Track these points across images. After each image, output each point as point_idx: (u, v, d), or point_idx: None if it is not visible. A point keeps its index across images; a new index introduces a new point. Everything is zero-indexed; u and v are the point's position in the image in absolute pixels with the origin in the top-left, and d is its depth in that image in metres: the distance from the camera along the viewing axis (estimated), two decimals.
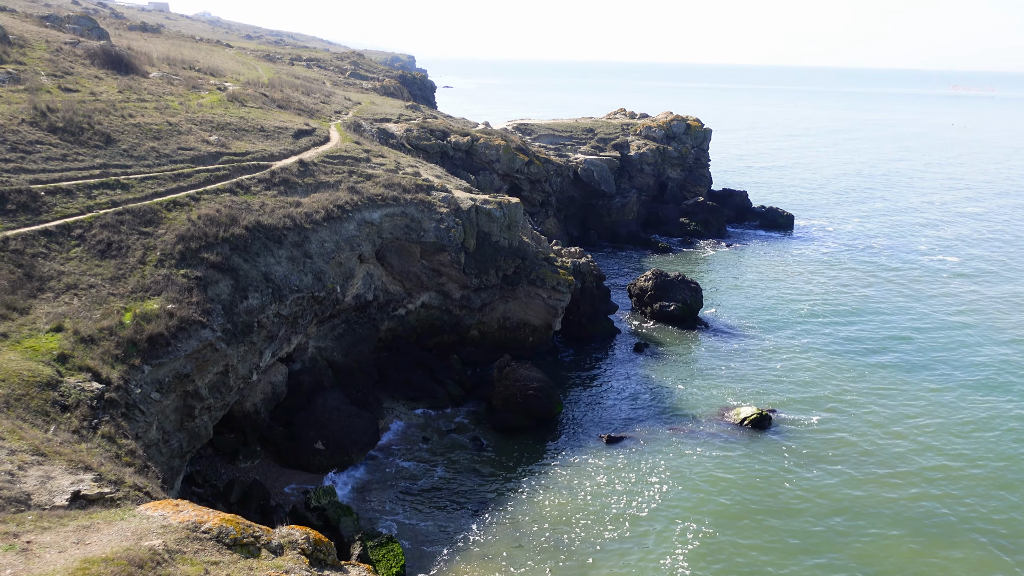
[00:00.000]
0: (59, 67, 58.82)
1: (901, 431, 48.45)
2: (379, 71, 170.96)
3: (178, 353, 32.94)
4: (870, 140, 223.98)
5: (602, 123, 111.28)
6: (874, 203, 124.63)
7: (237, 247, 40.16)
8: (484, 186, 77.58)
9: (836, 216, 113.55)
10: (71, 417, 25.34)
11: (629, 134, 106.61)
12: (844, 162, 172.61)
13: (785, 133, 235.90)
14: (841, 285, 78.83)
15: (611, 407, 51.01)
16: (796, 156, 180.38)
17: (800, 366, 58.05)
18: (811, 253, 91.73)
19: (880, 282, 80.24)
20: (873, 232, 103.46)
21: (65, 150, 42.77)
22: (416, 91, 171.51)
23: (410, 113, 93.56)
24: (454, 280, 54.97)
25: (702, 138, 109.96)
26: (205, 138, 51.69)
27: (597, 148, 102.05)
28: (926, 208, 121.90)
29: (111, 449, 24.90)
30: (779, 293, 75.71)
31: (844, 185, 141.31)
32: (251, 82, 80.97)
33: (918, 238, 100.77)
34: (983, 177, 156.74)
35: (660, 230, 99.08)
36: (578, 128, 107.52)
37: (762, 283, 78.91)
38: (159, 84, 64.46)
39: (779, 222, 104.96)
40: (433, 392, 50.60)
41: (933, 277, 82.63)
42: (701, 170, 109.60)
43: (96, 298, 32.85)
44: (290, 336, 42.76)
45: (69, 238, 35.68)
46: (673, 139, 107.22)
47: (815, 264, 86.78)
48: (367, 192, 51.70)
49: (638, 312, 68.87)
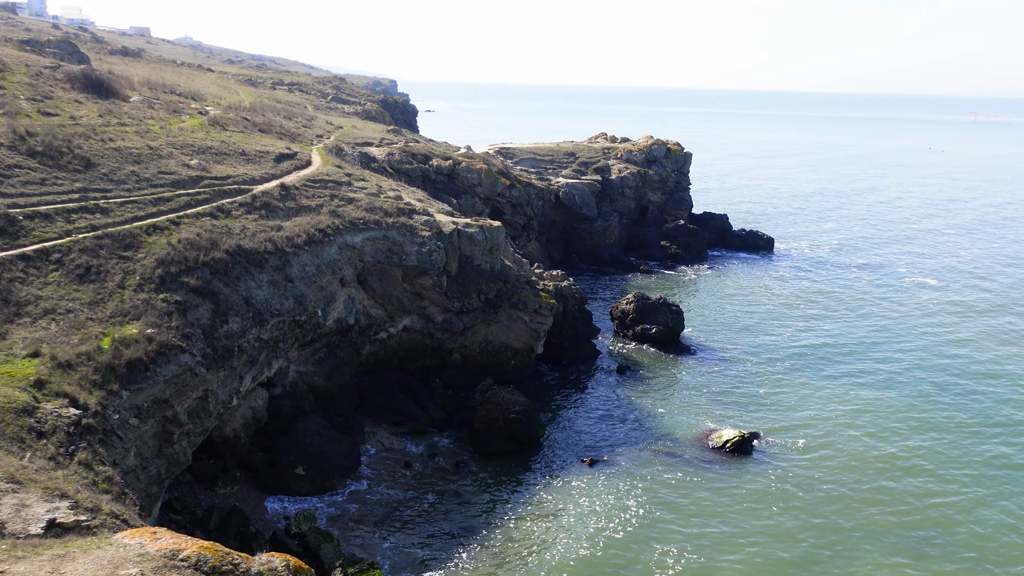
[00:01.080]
0: (39, 91, 58.59)
1: (885, 452, 48.63)
2: (361, 95, 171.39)
3: (157, 378, 32.63)
4: (848, 162, 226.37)
5: (583, 147, 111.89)
6: (853, 226, 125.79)
7: (217, 271, 39.94)
8: (466, 210, 77.69)
9: (816, 239, 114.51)
10: (47, 444, 25.01)
11: (610, 158, 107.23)
12: (824, 185, 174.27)
13: (769, 157, 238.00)
14: (822, 307, 79.33)
15: (593, 430, 50.92)
16: (778, 180, 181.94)
17: (782, 389, 58.24)
18: (791, 275, 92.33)
19: (861, 304, 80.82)
20: (853, 254, 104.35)
21: (44, 174, 42.52)
22: (398, 115, 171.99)
23: (392, 137, 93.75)
24: (436, 304, 54.89)
25: (682, 162, 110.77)
26: (186, 162, 51.55)
27: (578, 172, 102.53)
28: (905, 230, 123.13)
29: (88, 476, 24.58)
30: (760, 316, 76.07)
31: (824, 208, 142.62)
32: (232, 106, 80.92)
33: (898, 260, 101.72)
34: (961, 199, 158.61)
35: (641, 253, 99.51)
36: (559, 152, 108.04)
37: (743, 306, 79.27)
38: (140, 108, 64.30)
39: (759, 245, 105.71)
40: (415, 416, 50.34)
41: (913, 299, 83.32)
42: (682, 193, 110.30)
43: (74, 323, 32.55)
44: (271, 360, 42.48)
45: (47, 262, 35.38)
46: (654, 163, 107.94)
47: (796, 287, 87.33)
48: (349, 216, 51.65)
49: (620, 335, 68.96)
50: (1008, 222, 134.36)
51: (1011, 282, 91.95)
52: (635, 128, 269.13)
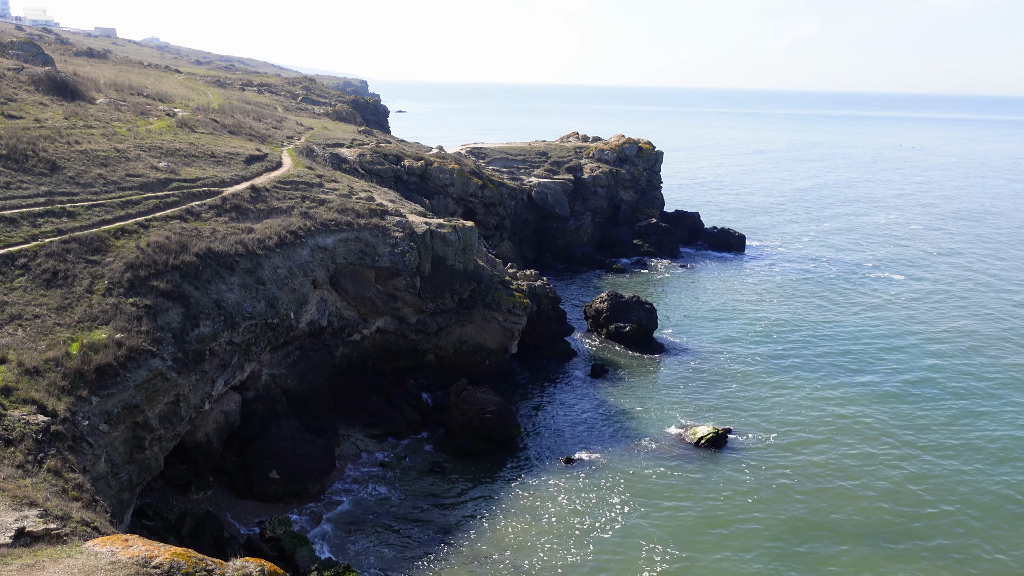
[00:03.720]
0: (2, 94, 57.66)
1: (857, 446, 49.10)
2: (331, 96, 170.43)
3: (127, 383, 32.20)
4: (817, 160, 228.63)
5: (555, 146, 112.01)
6: (823, 223, 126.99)
7: (188, 274, 39.51)
8: (439, 210, 77.49)
9: (787, 236, 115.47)
10: (15, 452, 24.58)
11: (582, 157, 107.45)
12: (795, 183, 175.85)
13: (742, 154, 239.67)
14: (793, 304, 79.98)
15: (569, 429, 50.96)
16: (749, 177, 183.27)
17: (755, 385, 58.62)
18: (763, 273, 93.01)
19: (831, 301, 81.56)
20: (823, 251, 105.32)
21: (8, 178, 41.84)
22: (369, 116, 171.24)
23: (363, 138, 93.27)
24: (409, 305, 54.67)
25: (654, 160, 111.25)
26: (154, 164, 50.96)
27: (551, 171, 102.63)
28: (874, 227, 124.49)
29: (57, 484, 24.19)
30: (733, 313, 76.54)
31: (795, 205, 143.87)
32: (201, 108, 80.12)
33: (866, 256, 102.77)
34: (931, 196, 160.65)
35: (614, 252, 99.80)
36: (531, 152, 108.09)
37: (716, 303, 79.73)
38: (106, 110, 63.48)
39: (731, 243, 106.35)
40: (390, 418, 50.09)
41: (884, 294, 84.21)
42: (653, 192, 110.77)
43: (41, 328, 32.04)
44: (243, 364, 42.08)
45: (13, 267, 34.80)
46: (625, 162, 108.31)
47: (767, 284, 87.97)
48: (320, 217, 51.32)
49: (594, 333, 69.10)
50: (980, 216, 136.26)
51: (984, 279, 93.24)
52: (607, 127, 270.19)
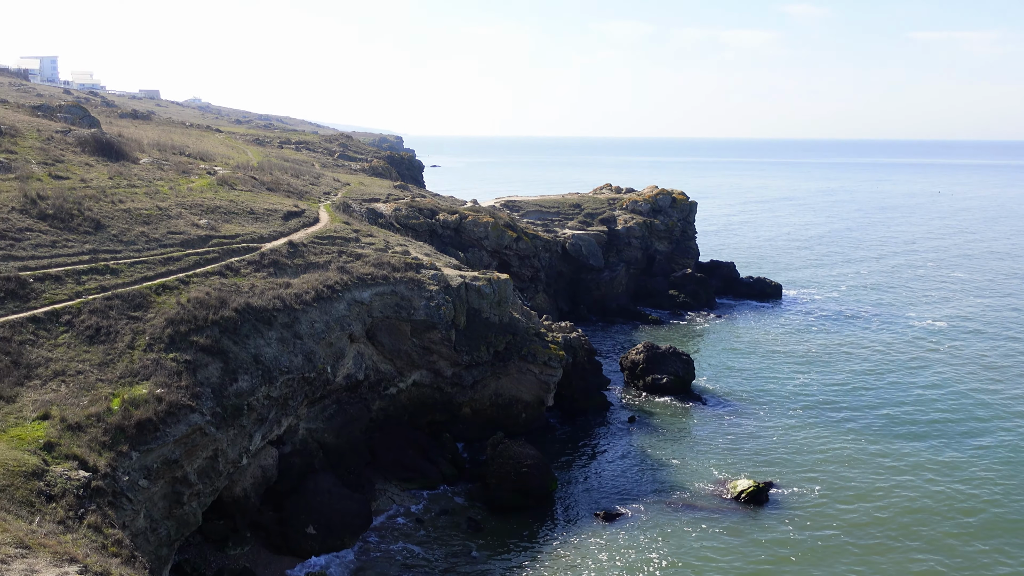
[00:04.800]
0: (50, 155, 59.36)
1: (902, 501, 47.88)
2: (367, 152, 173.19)
3: (167, 439, 32.46)
4: (853, 207, 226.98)
5: (589, 198, 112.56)
6: (860, 270, 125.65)
7: (227, 329, 39.97)
8: (473, 263, 77.92)
9: (824, 284, 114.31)
10: (56, 507, 24.79)
11: (616, 208, 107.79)
12: (831, 231, 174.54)
13: (772, 204, 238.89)
14: (833, 354, 78.83)
15: (607, 483, 50.34)
16: (784, 226, 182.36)
17: (796, 437, 57.61)
18: (801, 322, 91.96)
19: (872, 350, 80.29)
20: (862, 299, 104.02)
21: (55, 236, 42.86)
22: (404, 171, 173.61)
23: (398, 192, 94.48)
24: (445, 358, 54.73)
25: (688, 211, 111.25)
26: (195, 222, 51.95)
27: (584, 223, 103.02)
28: (913, 274, 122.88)
29: (97, 539, 24.31)
30: (771, 364, 75.61)
31: (831, 253, 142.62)
32: (241, 166, 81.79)
33: (906, 304, 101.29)
34: (970, 243, 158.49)
35: (649, 303, 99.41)
36: (565, 204, 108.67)
37: (753, 354, 78.86)
38: (149, 169, 65.03)
39: (767, 292, 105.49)
40: (426, 472, 49.87)
41: (925, 344, 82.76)
42: (688, 242, 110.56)
43: (84, 384, 32.50)
44: (280, 418, 42.26)
45: (57, 324, 35.47)
46: (659, 212, 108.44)
47: (806, 333, 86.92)
48: (357, 272, 51.81)
49: (630, 385, 68.57)
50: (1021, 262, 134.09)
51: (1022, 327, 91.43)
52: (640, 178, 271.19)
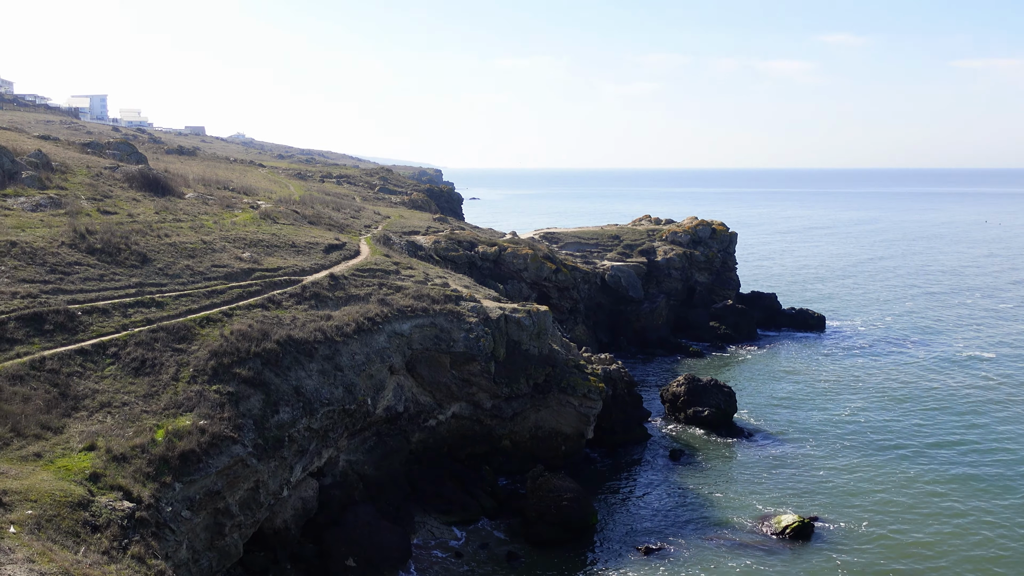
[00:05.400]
0: (99, 191, 60.80)
1: (954, 538, 46.62)
2: (407, 185, 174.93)
3: (209, 470, 32.75)
4: (897, 237, 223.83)
5: (628, 229, 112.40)
6: (905, 301, 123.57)
7: (269, 361, 40.36)
8: (512, 295, 78.02)
9: (868, 315, 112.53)
10: (101, 537, 25.07)
11: (655, 240, 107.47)
12: (873, 260, 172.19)
13: (812, 234, 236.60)
14: (879, 386, 77.40)
15: (647, 516, 49.71)
16: (823, 257, 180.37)
17: (841, 471, 56.47)
18: (845, 354, 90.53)
19: (919, 383, 78.68)
20: (907, 330, 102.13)
21: (103, 270, 43.76)
22: (443, 203, 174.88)
23: (438, 225, 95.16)
24: (484, 390, 54.68)
25: (728, 242, 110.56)
26: (238, 255, 52.73)
27: (624, 254, 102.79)
28: (960, 304, 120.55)
29: (140, 570, 24.52)
30: (815, 396, 74.43)
31: (875, 284, 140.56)
32: (283, 200, 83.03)
33: (953, 335, 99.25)
34: (1019, 272, 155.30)
35: (690, 334, 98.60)
36: (604, 235, 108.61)
37: (797, 386, 77.72)
38: (194, 204, 66.28)
39: (810, 323, 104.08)
40: (466, 504, 49.66)
41: (973, 375, 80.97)
42: (728, 273, 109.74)
43: (129, 416, 32.97)
44: (321, 450, 42.44)
45: (104, 356, 36.10)
46: (699, 243, 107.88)
47: (850, 365, 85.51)
48: (397, 304, 52.13)
49: (671, 418, 67.88)
50: None
51: None
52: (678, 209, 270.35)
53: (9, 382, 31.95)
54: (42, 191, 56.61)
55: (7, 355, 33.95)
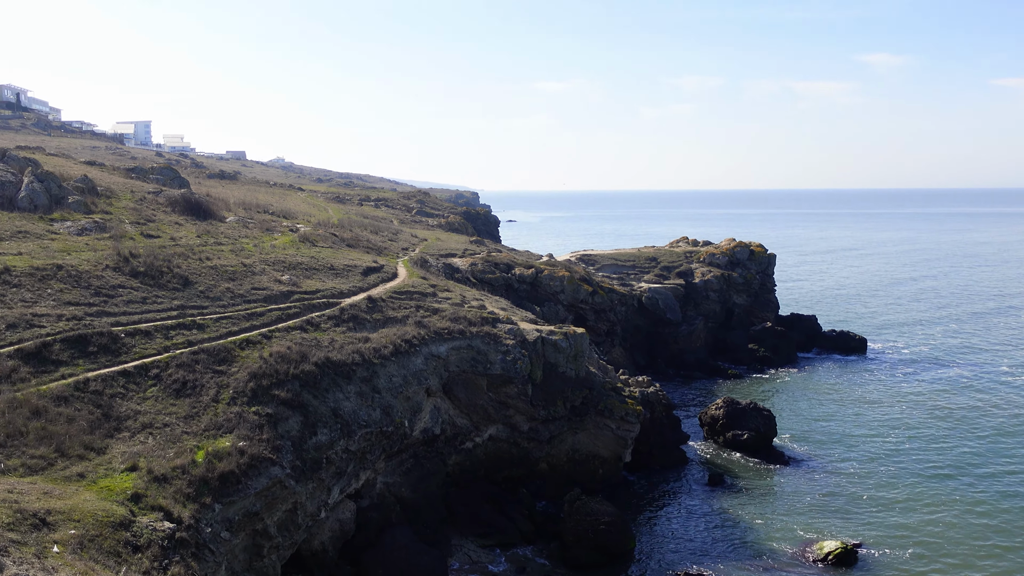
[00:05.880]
0: (142, 215, 61.90)
1: (1001, 566, 45.42)
2: (444, 208, 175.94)
3: (248, 491, 32.95)
4: (940, 258, 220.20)
5: (665, 251, 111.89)
6: (948, 322, 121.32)
7: (307, 383, 40.63)
8: (549, 317, 77.91)
9: (912, 337, 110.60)
10: (142, 558, 25.29)
11: (693, 261, 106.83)
12: (915, 281, 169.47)
13: (852, 255, 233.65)
14: (924, 411, 75.89)
15: (686, 541, 49.08)
16: (863, 278, 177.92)
17: (886, 497, 55.37)
18: (888, 377, 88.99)
19: (966, 407, 77.02)
20: (952, 353, 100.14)
21: (145, 293, 44.45)
22: (480, 226, 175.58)
23: (475, 248, 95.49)
24: (521, 412, 54.53)
25: (766, 263, 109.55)
26: (277, 278, 53.30)
27: (661, 276, 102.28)
28: (1006, 327, 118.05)
29: None
30: (857, 420, 73.18)
31: (917, 305, 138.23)
32: (322, 223, 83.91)
33: (1000, 359, 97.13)
34: None
35: (728, 357, 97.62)
36: (641, 257, 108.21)
37: (838, 410, 76.49)
38: (235, 228, 67.21)
39: (852, 346, 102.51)
40: (503, 528, 49.40)
41: (1020, 400, 79.12)
42: (767, 295, 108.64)
43: (170, 436, 33.34)
44: (358, 472, 42.54)
45: (146, 378, 36.58)
46: (737, 265, 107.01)
47: (893, 388, 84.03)
48: (434, 326, 52.28)
49: (710, 441, 67.12)
50: None
51: None
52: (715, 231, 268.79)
53: (54, 403, 32.50)
54: (88, 215, 57.78)
55: (52, 376, 34.56)
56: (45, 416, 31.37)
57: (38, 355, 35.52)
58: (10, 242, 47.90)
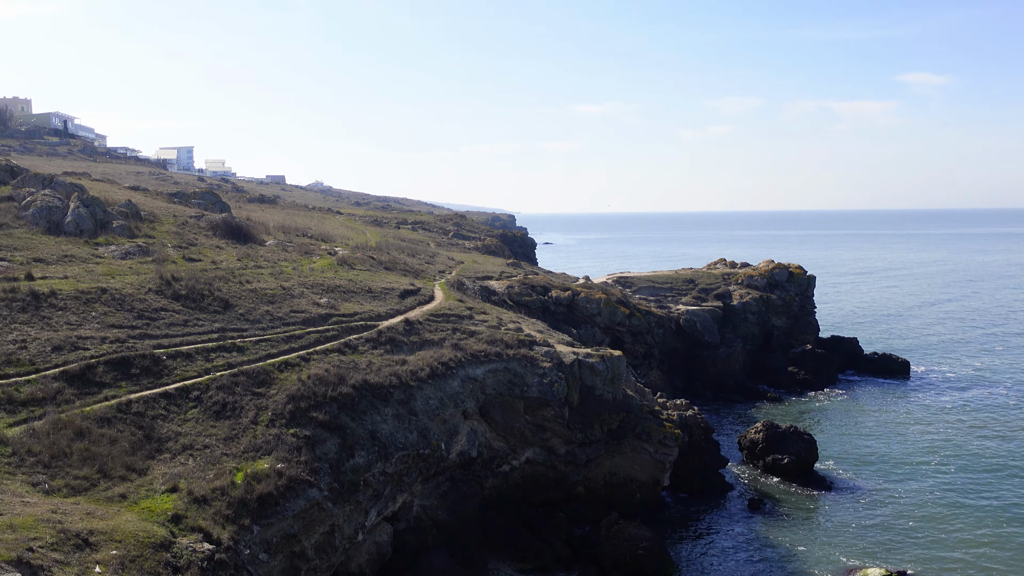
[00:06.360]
0: (184, 239, 62.90)
1: None
2: (480, 231, 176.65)
3: (286, 513, 33.12)
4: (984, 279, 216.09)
5: (702, 273, 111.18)
6: (994, 344, 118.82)
7: (345, 406, 40.85)
8: (586, 339, 77.64)
9: (957, 360, 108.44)
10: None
11: (731, 283, 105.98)
12: (957, 304, 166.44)
13: (891, 277, 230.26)
14: (968, 434, 74.26)
15: (726, 568, 48.35)
16: (905, 300, 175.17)
17: (932, 524, 54.16)
18: (932, 401, 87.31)
19: (1016, 434, 75.23)
20: (998, 377, 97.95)
21: (187, 316, 45.08)
22: (517, 248, 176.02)
23: (511, 270, 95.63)
24: (558, 435, 54.28)
25: (806, 285, 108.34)
26: (316, 300, 53.77)
27: (698, 298, 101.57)
28: None
29: None
30: (901, 444, 71.80)
31: (961, 327, 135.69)
32: (359, 246, 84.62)
33: None
34: None
35: (768, 380, 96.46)
36: (678, 279, 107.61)
37: (881, 434, 75.13)
38: (274, 251, 68.00)
39: (894, 369, 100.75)
40: (540, 552, 49.03)
41: None
42: (807, 317, 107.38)
43: (210, 458, 33.66)
44: (395, 495, 42.57)
45: (187, 400, 37.03)
46: (776, 287, 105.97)
47: (937, 412, 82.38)
48: (470, 349, 52.34)
49: (749, 465, 66.24)
50: None
51: None
52: (753, 253, 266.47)
53: (97, 424, 32.99)
54: (131, 239, 58.85)
55: (96, 398, 35.11)
56: (88, 437, 31.86)
57: (82, 377, 36.15)
58: (56, 266, 48.91)
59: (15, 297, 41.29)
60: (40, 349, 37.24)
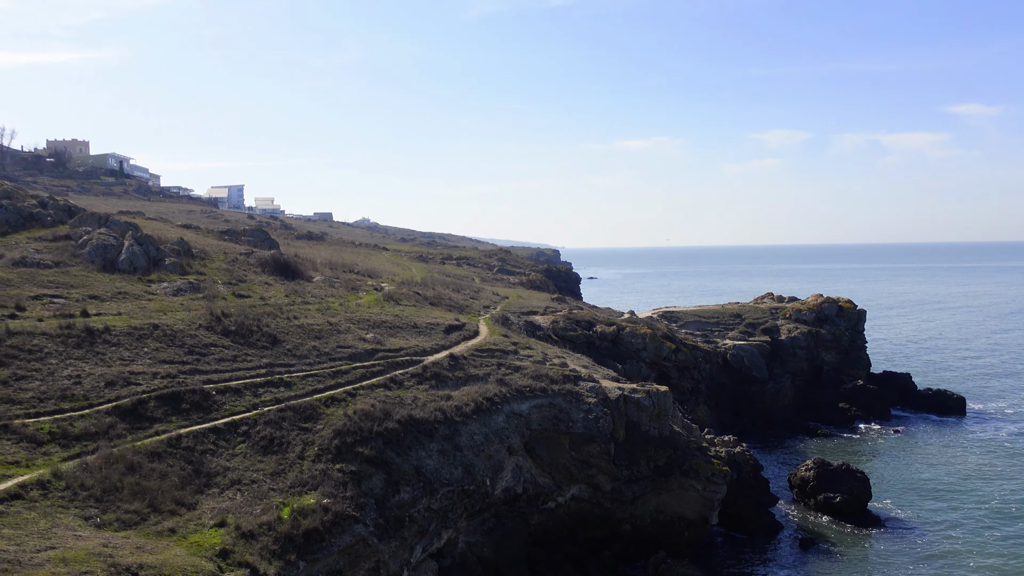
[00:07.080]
0: (234, 275, 63.97)
1: None
2: (525, 266, 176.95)
3: (332, 549, 33.14)
4: None
5: (749, 308, 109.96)
6: None
7: (390, 441, 40.93)
8: (631, 375, 77.04)
9: (1014, 398, 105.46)
10: None
11: (778, 318, 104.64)
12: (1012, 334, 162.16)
13: (946, 310, 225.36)
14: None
15: None
16: (960, 334, 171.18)
17: (992, 567, 52.42)
18: (989, 438, 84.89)
19: None
20: None
21: (236, 351, 45.70)
22: (561, 283, 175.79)
23: (556, 305, 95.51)
24: (604, 472, 53.74)
25: (856, 319, 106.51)
26: (362, 336, 54.19)
27: (746, 333, 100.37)
28: None
29: None
30: (958, 484, 69.79)
31: (1015, 362, 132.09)
32: (405, 282, 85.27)
33: None
34: None
35: (818, 416, 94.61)
36: (725, 313, 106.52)
37: (937, 473, 73.15)
38: (322, 287, 68.81)
39: (949, 405, 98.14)
40: None
41: None
42: (857, 352, 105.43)
43: (258, 493, 33.89)
44: (440, 531, 42.39)
45: (236, 435, 37.41)
46: (825, 321, 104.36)
47: (996, 451, 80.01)
48: (515, 384, 52.24)
49: (800, 504, 64.86)
50: None
51: None
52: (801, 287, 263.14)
53: (148, 459, 33.45)
54: (183, 276, 60.03)
55: (147, 432, 35.64)
56: (139, 472, 32.31)
57: (134, 412, 36.76)
58: (111, 302, 50.01)
59: (71, 333, 42.25)
60: (94, 384, 37.99)
